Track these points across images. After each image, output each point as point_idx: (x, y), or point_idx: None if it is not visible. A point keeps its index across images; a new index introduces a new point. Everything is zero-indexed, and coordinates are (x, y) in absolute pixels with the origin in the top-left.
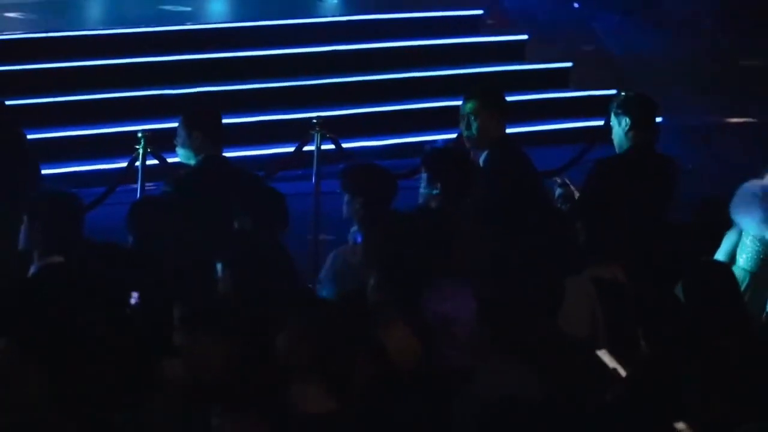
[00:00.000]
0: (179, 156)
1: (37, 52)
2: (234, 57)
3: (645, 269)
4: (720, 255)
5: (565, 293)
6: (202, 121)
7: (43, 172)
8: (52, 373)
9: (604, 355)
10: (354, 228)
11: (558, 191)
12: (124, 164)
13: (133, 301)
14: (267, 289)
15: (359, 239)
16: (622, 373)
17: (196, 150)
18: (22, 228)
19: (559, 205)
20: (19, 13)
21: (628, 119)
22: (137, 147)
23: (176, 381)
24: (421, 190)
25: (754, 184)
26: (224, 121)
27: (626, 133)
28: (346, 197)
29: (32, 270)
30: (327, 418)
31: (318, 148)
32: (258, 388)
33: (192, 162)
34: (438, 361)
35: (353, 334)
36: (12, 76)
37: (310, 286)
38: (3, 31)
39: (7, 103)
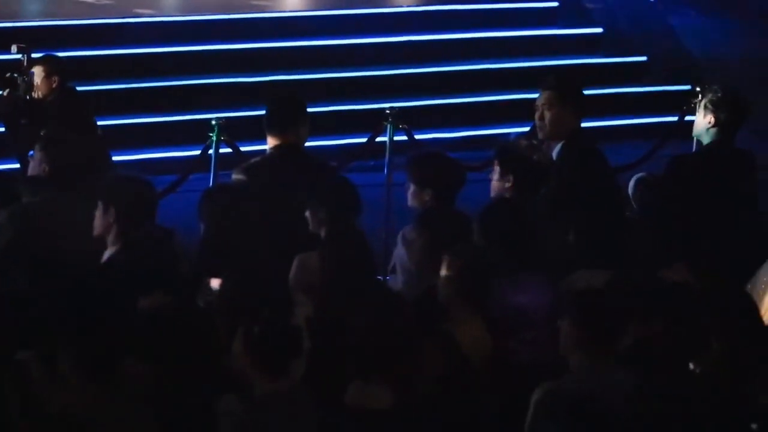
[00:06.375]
0: None
1: (111, 38)
2: (308, 46)
3: (717, 266)
4: None
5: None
6: (270, 111)
7: (116, 159)
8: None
9: None
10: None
11: (632, 186)
12: (198, 152)
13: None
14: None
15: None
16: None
17: (272, 139)
18: (96, 214)
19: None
20: None
21: (713, 116)
22: (211, 135)
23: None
24: (493, 183)
25: None
26: None
27: (707, 130)
28: (411, 187)
29: (106, 255)
30: (385, 414)
31: (391, 139)
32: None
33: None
34: (510, 356)
35: (420, 330)
36: (85, 63)
37: (380, 278)
38: (76, 17)
39: (80, 89)
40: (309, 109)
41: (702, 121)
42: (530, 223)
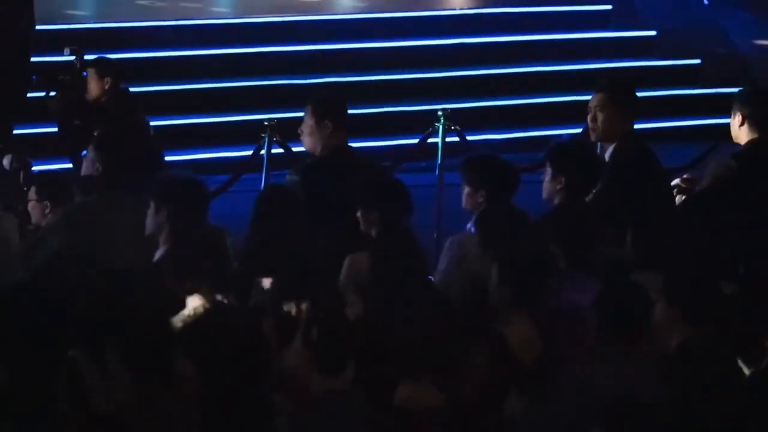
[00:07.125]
0: (305, 145)
1: (165, 40)
2: (361, 48)
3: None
4: None
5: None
6: (331, 110)
7: (168, 159)
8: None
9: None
10: (470, 222)
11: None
12: (249, 152)
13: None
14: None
15: (473, 230)
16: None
17: (323, 139)
18: (149, 213)
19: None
20: (149, 1)
21: (740, 114)
22: (263, 135)
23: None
24: (545, 185)
25: None
26: (350, 111)
27: (739, 128)
28: (466, 189)
29: (158, 254)
30: (435, 414)
31: (442, 140)
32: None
33: (317, 151)
34: (562, 356)
35: (470, 330)
36: (139, 64)
37: (430, 278)
38: (131, 19)
39: (133, 90)
40: (362, 111)
41: (733, 122)
42: (590, 225)
